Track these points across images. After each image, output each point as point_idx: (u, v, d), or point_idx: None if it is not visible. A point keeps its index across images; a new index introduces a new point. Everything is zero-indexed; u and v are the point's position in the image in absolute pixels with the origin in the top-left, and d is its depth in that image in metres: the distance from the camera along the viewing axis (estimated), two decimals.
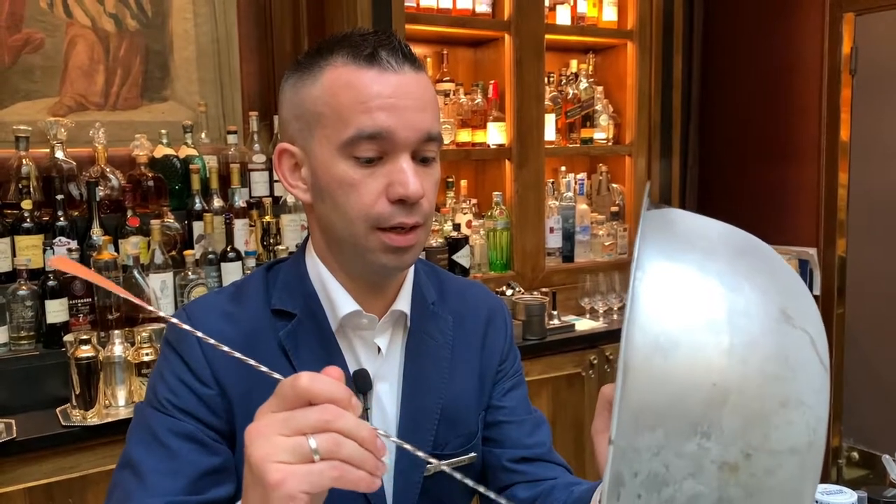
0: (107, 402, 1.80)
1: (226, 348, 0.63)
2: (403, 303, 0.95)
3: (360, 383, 0.91)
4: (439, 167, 0.90)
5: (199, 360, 0.86)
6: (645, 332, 0.45)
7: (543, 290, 2.61)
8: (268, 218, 2.35)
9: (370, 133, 0.82)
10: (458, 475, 0.59)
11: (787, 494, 0.46)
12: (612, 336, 2.57)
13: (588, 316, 2.73)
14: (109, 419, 1.77)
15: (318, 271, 0.92)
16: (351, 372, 0.91)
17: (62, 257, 0.65)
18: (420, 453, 0.61)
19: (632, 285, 0.46)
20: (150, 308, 0.69)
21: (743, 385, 0.45)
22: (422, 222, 0.86)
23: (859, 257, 3.10)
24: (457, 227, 2.62)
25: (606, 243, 2.97)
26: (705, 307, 0.46)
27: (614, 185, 3.11)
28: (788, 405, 0.45)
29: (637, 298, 0.46)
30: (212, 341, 0.64)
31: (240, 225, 2.27)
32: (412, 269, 0.98)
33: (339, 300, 0.91)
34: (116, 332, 1.85)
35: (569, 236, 2.89)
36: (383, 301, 0.94)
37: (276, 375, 0.62)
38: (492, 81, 2.73)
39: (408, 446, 0.61)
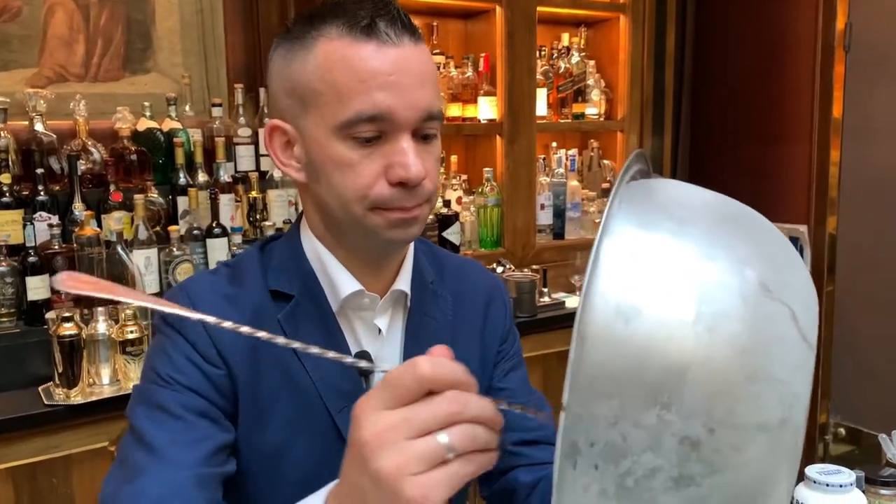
0: (90, 380, 1.77)
1: (245, 328, 0.62)
2: (404, 282, 0.92)
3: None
4: (440, 143, 0.86)
5: (204, 340, 0.83)
6: (605, 297, 0.43)
7: (534, 267, 2.59)
8: (254, 193, 2.31)
9: (370, 115, 0.77)
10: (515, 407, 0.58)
11: (757, 474, 0.43)
12: None
13: (578, 293, 2.71)
14: (93, 398, 1.73)
15: (316, 251, 0.89)
16: (353, 353, 0.88)
17: (71, 274, 0.58)
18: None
19: (595, 249, 0.45)
20: (167, 310, 0.64)
21: (707, 356, 0.42)
22: (424, 204, 0.83)
23: (850, 235, 3.10)
24: (447, 203, 2.59)
25: (597, 220, 2.94)
26: (673, 275, 0.44)
27: (605, 162, 3.08)
28: (756, 379, 0.42)
29: (599, 262, 0.44)
30: (228, 324, 0.63)
31: (225, 200, 2.22)
32: (412, 247, 0.94)
33: (340, 280, 0.87)
34: (100, 309, 1.80)
35: (559, 213, 2.86)
36: (383, 281, 0.90)
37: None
38: (483, 55, 2.68)
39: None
